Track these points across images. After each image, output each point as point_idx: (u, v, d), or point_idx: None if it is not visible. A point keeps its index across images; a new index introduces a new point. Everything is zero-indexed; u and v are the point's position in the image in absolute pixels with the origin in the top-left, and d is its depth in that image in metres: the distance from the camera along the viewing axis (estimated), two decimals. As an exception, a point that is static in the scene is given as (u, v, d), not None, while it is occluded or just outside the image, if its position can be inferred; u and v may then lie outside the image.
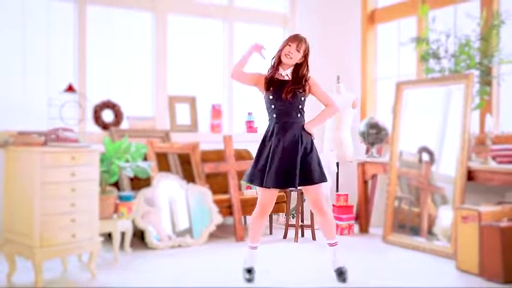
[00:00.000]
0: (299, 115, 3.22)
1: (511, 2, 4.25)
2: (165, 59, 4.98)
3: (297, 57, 3.20)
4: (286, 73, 3.23)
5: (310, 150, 3.20)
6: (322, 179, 3.20)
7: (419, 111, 4.38)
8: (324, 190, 4.39)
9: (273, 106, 3.21)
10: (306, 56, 3.24)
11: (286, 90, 3.17)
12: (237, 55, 5.35)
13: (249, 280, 3.28)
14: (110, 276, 3.39)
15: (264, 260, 3.70)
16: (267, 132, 3.26)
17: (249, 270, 3.31)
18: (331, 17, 5.69)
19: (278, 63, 3.24)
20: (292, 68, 3.23)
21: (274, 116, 3.21)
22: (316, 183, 3.18)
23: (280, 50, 3.22)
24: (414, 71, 4.98)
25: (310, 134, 3.23)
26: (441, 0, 4.73)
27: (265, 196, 3.22)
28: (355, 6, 5.57)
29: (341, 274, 3.26)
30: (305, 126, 3.22)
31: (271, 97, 3.21)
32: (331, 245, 3.31)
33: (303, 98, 3.23)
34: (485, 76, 4.22)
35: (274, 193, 3.23)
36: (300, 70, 3.22)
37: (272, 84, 3.21)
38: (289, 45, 3.19)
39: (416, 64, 4.92)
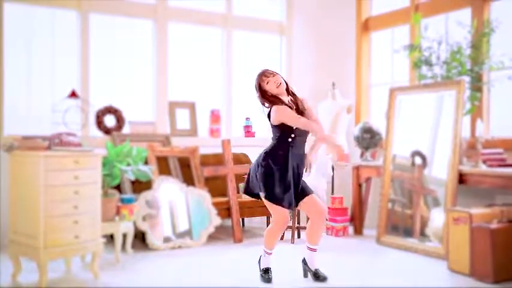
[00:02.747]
0: (306, 142, 3.38)
1: (501, 11, 4.33)
2: (165, 65, 5.06)
3: (282, 80, 3.30)
4: (287, 99, 3.33)
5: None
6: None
7: (412, 116, 4.46)
8: (320, 193, 4.48)
9: (293, 135, 3.25)
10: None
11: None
12: (235, 61, 5.46)
13: (269, 280, 3.34)
14: (112, 276, 3.45)
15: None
16: (280, 156, 3.25)
17: (266, 271, 3.39)
18: (327, 25, 5.78)
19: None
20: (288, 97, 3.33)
21: (290, 141, 3.25)
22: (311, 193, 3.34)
23: (264, 87, 3.28)
24: (407, 77, 5.06)
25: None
26: (433, 9, 4.82)
27: (285, 214, 3.28)
28: (350, 14, 5.65)
29: (319, 274, 3.38)
30: (310, 157, 3.38)
31: (294, 127, 3.25)
32: (313, 250, 3.39)
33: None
34: (476, 82, 4.29)
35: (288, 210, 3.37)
36: (295, 98, 3.34)
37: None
38: (270, 80, 3.26)
39: (409, 71, 4.99)
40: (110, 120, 4.75)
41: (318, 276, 3.36)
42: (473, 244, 3.44)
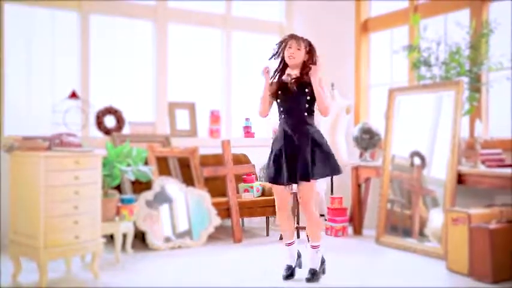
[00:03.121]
0: (306, 114, 3.24)
1: (499, 12, 4.35)
2: (165, 66, 5.07)
3: (301, 56, 3.25)
4: (295, 72, 3.28)
5: (314, 145, 3.20)
6: (326, 172, 3.24)
7: (411, 116, 4.47)
8: (321, 192, 4.50)
9: (281, 109, 3.28)
10: (309, 52, 3.28)
11: (290, 89, 3.20)
12: (235, 62, 5.47)
13: (285, 277, 3.34)
14: (112, 276, 3.46)
15: (262, 260, 3.80)
16: (278, 132, 3.30)
17: (288, 267, 3.40)
18: (326, 25, 5.78)
19: (284, 65, 3.29)
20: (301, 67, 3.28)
21: (283, 116, 3.28)
22: (310, 179, 3.18)
23: (281, 52, 3.28)
24: (406, 78, 5.08)
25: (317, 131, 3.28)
26: (432, 10, 4.84)
27: (281, 193, 3.30)
28: (349, 15, 5.67)
29: (313, 275, 3.32)
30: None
31: (279, 100, 3.27)
32: (313, 247, 3.35)
33: (309, 98, 3.24)
34: (475, 83, 4.31)
35: (287, 191, 3.33)
36: (304, 66, 3.26)
37: (279, 88, 3.26)
38: (290, 47, 3.25)
39: (408, 71, 5.01)
40: (110, 121, 4.76)
41: (311, 276, 3.32)
42: (472, 244, 3.45)
